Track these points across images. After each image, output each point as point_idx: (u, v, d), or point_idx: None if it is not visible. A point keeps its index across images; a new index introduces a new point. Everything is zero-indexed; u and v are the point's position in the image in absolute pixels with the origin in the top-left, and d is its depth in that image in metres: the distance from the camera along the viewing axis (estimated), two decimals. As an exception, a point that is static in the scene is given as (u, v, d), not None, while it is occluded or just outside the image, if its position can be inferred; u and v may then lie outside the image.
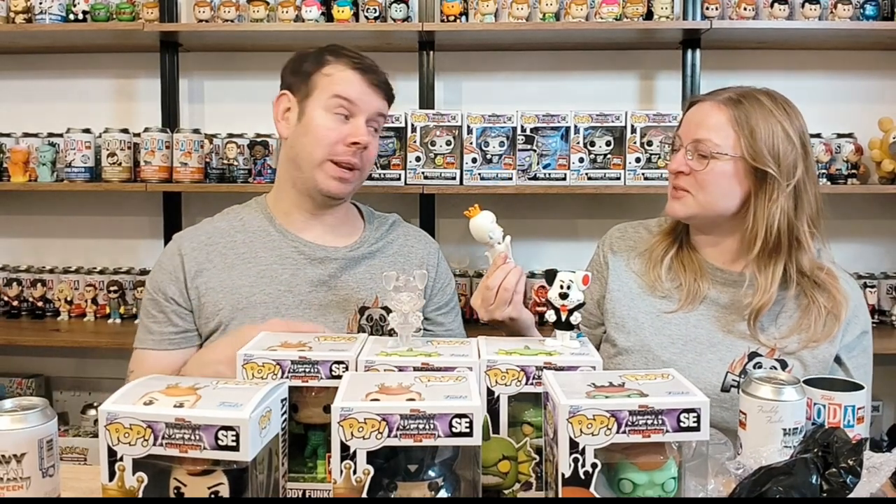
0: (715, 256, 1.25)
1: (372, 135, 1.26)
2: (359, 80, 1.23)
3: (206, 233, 1.29)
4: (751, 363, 1.17)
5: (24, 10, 2.02)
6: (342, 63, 1.24)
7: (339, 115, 1.23)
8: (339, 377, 0.82)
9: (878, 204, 2.18)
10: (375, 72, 1.26)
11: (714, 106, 1.18)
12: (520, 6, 1.97)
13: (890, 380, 2.13)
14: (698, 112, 1.20)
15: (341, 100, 1.22)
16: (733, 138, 1.14)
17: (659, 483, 0.76)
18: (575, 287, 0.94)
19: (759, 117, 1.14)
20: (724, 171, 1.15)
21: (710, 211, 1.19)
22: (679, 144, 1.21)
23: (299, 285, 1.25)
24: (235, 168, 2.04)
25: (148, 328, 1.25)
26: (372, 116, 1.25)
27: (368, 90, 1.24)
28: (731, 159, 1.15)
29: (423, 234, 1.42)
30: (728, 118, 1.15)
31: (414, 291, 0.92)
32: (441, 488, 0.75)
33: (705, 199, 1.17)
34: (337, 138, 1.22)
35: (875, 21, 1.96)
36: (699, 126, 1.17)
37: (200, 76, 2.25)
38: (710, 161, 1.15)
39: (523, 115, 1.90)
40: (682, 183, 1.19)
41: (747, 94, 1.18)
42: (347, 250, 1.29)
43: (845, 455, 0.77)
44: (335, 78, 1.23)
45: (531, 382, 0.85)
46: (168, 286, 1.24)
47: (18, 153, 2.04)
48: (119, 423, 0.70)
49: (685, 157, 1.18)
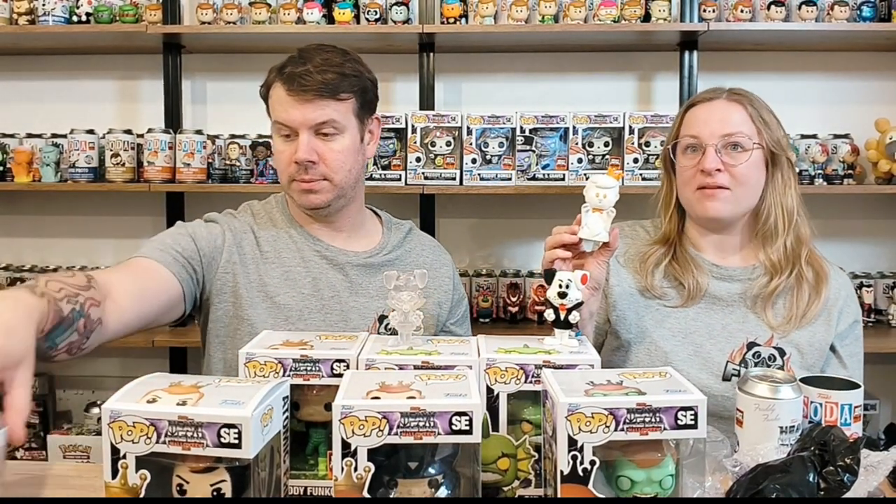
0: (713, 254, 1.27)
1: (323, 141, 1.19)
2: (287, 99, 1.17)
3: (238, 223, 1.27)
4: (749, 352, 1.20)
5: (27, 11, 2.03)
6: (279, 82, 1.19)
7: (285, 136, 1.20)
8: (341, 375, 0.83)
9: (875, 204, 2.19)
10: (302, 79, 1.16)
11: (728, 103, 1.22)
12: (519, 8, 1.98)
13: (887, 378, 2.14)
14: (715, 110, 1.22)
15: (279, 125, 1.20)
16: (755, 130, 1.20)
17: (657, 480, 0.76)
18: (573, 286, 0.95)
19: (765, 111, 1.22)
20: (757, 163, 1.20)
21: (744, 206, 1.22)
22: (700, 144, 1.21)
23: (322, 290, 1.24)
24: (238, 168, 2.05)
25: (160, 246, 1.15)
26: (313, 127, 1.18)
27: (297, 106, 1.16)
28: (760, 150, 1.20)
29: (437, 244, 1.42)
30: (746, 112, 1.21)
31: (414, 291, 0.93)
32: (441, 485, 0.76)
33: (743, 193, 1.20)
34: (288, 160, 1.20)
35: (872, 22, 1.97)
36: (724, 122, 1.20)
37: (203, 77, 2.26)
38: (744, 153, 1.19)
39: (522, 116, 1.91)
40: (718, 181, 1.19)
41: (745, 92, 1.24)
42: (367, 255, 1.28)
43: (842, 453, 0.77)
44: (273, 102, 1.21)
45: (530, 381, 0.85)
46: (202, 241, 1.19)
47: (22, 154, 2.05)
48: (122, 421, 0.71)
49: (716, 154, 1.19)
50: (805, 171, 1.99)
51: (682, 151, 1.24)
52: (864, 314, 2.05)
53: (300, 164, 1.18)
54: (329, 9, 2.02)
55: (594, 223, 1.04)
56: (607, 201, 1.04)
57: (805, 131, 2.09)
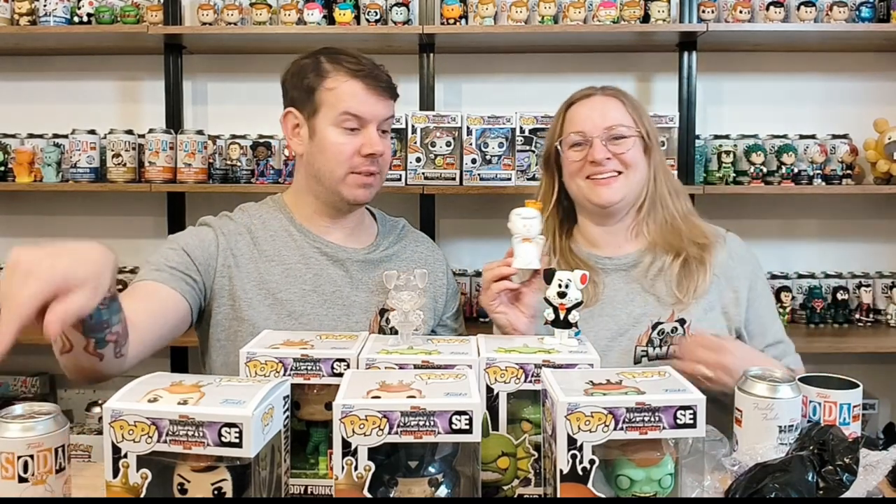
0: (608, 245, 1.31)
1: (384, 138, 1.26)
2: (362, 90, 1.21)
3: (233, 225, 1.28)
4: (655, 332, 1.23)
5: (28, 12, 2.03)
6: (342, 73, 1.22)
7: (350, 129, 1.23)
8: (341, 375, 0.84)
9: (873, 204, 2.20)
10: (377, 76, 1.23)
11: (605, 98, 1.29)
12: (518, 9, 1.99)
13: (886, 378, 2.14)
14: (595, 106, 1.28)
15: (349, 115, 1.21)
16: (632, 121, 1.28)
17: (656, 479, 0.76)
18: (573, 286, 0.95)
19: (636, 103, 1.31)
20: (639, 148, 1.28)
21: (636, 189, 1.28)
22: (585, 138, 1.26)
23: (323, 285, 1.26)
24: (238, 169, 2.05)
25: (158, 267, 1.17)
26: (381, 123, 1.25)
27: (373, 99, 1.22)
28: (639, 137, 1.27)
29: (430, 240, 1.45)
30: (623, 105, 1.28)
31: (414, 290, 0.93)
32: (441, 484, 0.76)
33: (634, 176, 1.27)
34: (352, 152, 1.22)
35: (870, 23, 1.98)
36: (605, 116, 1.26)
37: (204, 78, 2.26)
38: (628, 140, 1.25)
39: (522, 116, 1.92)
40: (609, 168, 1.25)
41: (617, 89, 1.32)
42: (366, 252, 1.31)
43: (841, 453, 0.77)
44: (339, 93, 1.21)
45: (530, 380, 0.86)
46: (195, 251, 1.21)
47: (23, 154, 2.05)
48: (123, 421, 0.71)
49: (602, 145, 1.24)
50: (804, 172, 2.00)
51: (569, 147, 1.29)
52: (862, 314, 2.06)
53: (367, 157, 1.22)
54: (329, 10, 2.03)
55: (526, 252, 1.07)
56: (534, 230, 1.07)
57: (804, 131, 2.09)
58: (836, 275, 2.12)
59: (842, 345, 1.92)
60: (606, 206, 1.26)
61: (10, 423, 0.77)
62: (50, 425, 0.78)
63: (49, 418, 0.78)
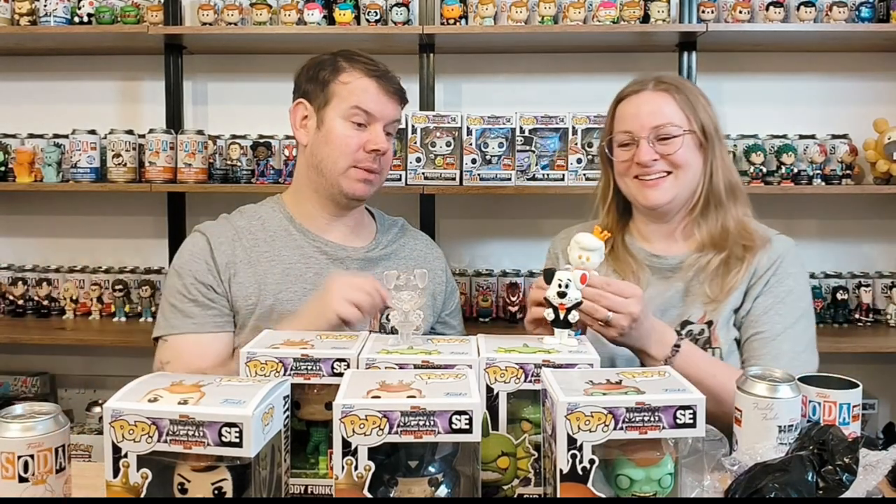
0: (659, 243, 1.30)
1: (388, 139, 1.29)
2: (375, 89, 1.26)
3: (230, 229, 1.29)
4: (683, 331, 1.22)
5: (28, 12, 2.03)
6: (358, 71, 1.26)
7: (358, 123, 1.26)
8: (341, 375, 0.84)
9: (873, 204, 2.20)
10: (390, 79, 1.29)
11: (654, 94, 1.24)
12: (518, 9, 1.99)
13: (885, 378, 2.14)
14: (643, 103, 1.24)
15: (359, 110, 1.25)
16: (684, 118, 1.23)
17: (655, 479, 0.77)
18: (573, 286, 0.95)
19: (692, 94, 1.25)
20: (690, 147, 1.23)
21: (687, 189, 1.24)
22: (633, 139, 1.23)
23: (323, 284, 1.25)
24: (239, 169, 2.06)
25: (186, 312, 1.22)
26: (388, 123, 1.28)
27: (384, 99, 1.27)
28: (691, 134, 1.22)
29: (429, 239, 1.47)
30: (674, 101, 1.23)
31: (414, 290, 0.93)
32: (441, 484, 0.76)
33: (684, 176, 1.23)
34: (357, 146, 1.25)
35: (870, 23, 1.98)
36: (653, 115, 1.22)
37: (204, 78, 2.27)
38: (677, 140, 1.21)
39: (522, 116, 1.92)
40: (657, 169, 1.22)
41: (671, 79, 1.27)
42: (365, 250, 1.33)
43: (841, 453, 0.77)
44: (352, 87, 1.25)
45: (530, 380, 0.86)
46: (205, 276, 1.24)
47: (24, 154, 2.05)
48: (124, 420, 0.71)
49: (650, 146, 1.22)
50: (803, 172, 2.00)
51: (617, 146, 1.28)
52: (862, 314, 2.06)
53: (371, 153, 1.25)
54: (329, 10, 2.03)
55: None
56: (590, 263, 0.98)
57: (803, 132, 2.09)
58: (836, 275, 2.12)
59: (841, 345, 1.91)
60: (654, 207, 1.24)
61: (10, 422, 0.77)
62: (50, 425, 0.78)
63: (49, 418, 0.78)
